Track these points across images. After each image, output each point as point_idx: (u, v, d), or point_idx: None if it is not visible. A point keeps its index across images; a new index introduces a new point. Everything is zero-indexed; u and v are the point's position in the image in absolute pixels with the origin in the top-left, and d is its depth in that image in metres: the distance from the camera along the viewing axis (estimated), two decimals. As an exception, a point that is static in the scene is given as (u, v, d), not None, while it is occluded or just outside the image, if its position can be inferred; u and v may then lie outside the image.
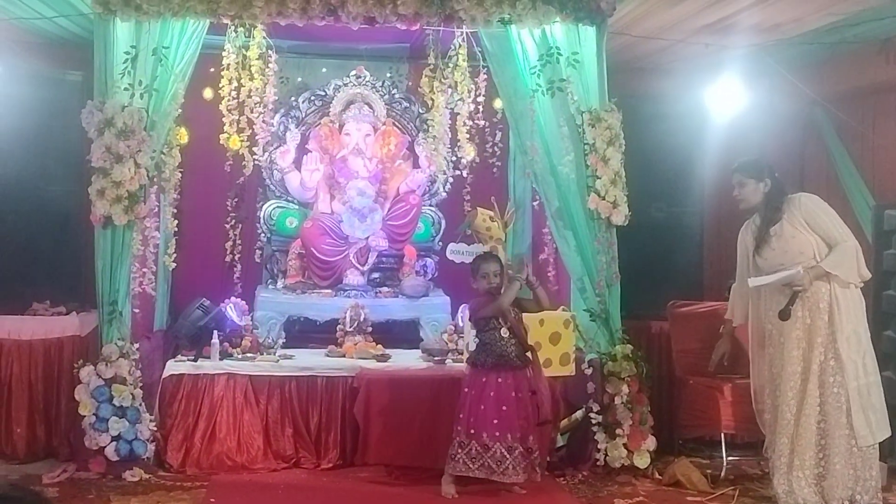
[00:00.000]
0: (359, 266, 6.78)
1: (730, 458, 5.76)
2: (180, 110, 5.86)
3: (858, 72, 6.55)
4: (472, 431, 5.13)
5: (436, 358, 6.18)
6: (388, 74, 7.16)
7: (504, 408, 5.14)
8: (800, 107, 7.17)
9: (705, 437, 6.10)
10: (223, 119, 5.98)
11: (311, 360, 6.09)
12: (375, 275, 6.93)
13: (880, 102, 6.68)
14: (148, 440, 5.56)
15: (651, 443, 5.74)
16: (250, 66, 5.98)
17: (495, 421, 5.11)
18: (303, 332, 6.63)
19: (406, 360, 6.19)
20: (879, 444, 5.10)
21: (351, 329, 6.40)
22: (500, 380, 5.18)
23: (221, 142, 6.00)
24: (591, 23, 5.69)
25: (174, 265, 6.28)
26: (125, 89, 5.52)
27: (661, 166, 6.96)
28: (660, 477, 5.69)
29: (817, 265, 5.05)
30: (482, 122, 6.33)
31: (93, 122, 5.48)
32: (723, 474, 5.67)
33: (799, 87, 6.66)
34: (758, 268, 5.27)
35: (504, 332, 5.20)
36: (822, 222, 5.15)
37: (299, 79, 7.12)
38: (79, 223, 6.10)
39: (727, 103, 6.58)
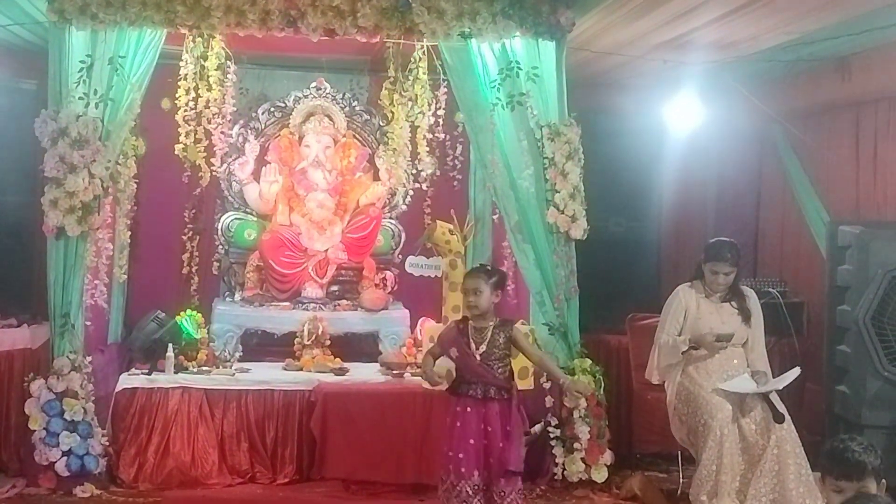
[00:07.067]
0: (317, 279, 6.73)
1: (686, 473, 5.78)
2: (137, 120, 5.81)
3: (814, 89, 6.63)
4: (450, 466, 4.42)
5: (394, 372, 6.14)
6: (349, 86, 7.13)
7: (471, 441, 4.38)
8: (757, 123, 7.26)
9: (663, 452, 6.12)
10: (180, 129, 5.92)
11: (267, 374, 6.03)
12: (334, 287, 6.87)
13: (835, 120, 6.78)
14: (100, 455, 5.46)
15: (609, 457, 5.75)
16: (208, 77, 5.93)
17: (460, 455, 4.38)
18: (260, 346, 6.57)
19: (364, 374, 6.15)
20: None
21: (309, 342, 6.35)
22: (468, 409, 4.43)
23: (177, 152, 5.93)
24: (550, 38, 5.72)
25: (125, 277, 6.22)
26: (80, 98, 5.45)
27: (619, 181, 7.02)
28: (618, 491, 5.70)
29: (760, 371, 5.10)
30: (442, 136, 6.31)
31: (46, 132, 5.41)
32: (680, 490, 5.67)
33: (756, 103, 6.73)
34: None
35: (476, 356, 4.44)
36: (759, 323, 5.21)
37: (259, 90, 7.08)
38: (31, 234, 6.02)
39: (685, 119, 6.65)
